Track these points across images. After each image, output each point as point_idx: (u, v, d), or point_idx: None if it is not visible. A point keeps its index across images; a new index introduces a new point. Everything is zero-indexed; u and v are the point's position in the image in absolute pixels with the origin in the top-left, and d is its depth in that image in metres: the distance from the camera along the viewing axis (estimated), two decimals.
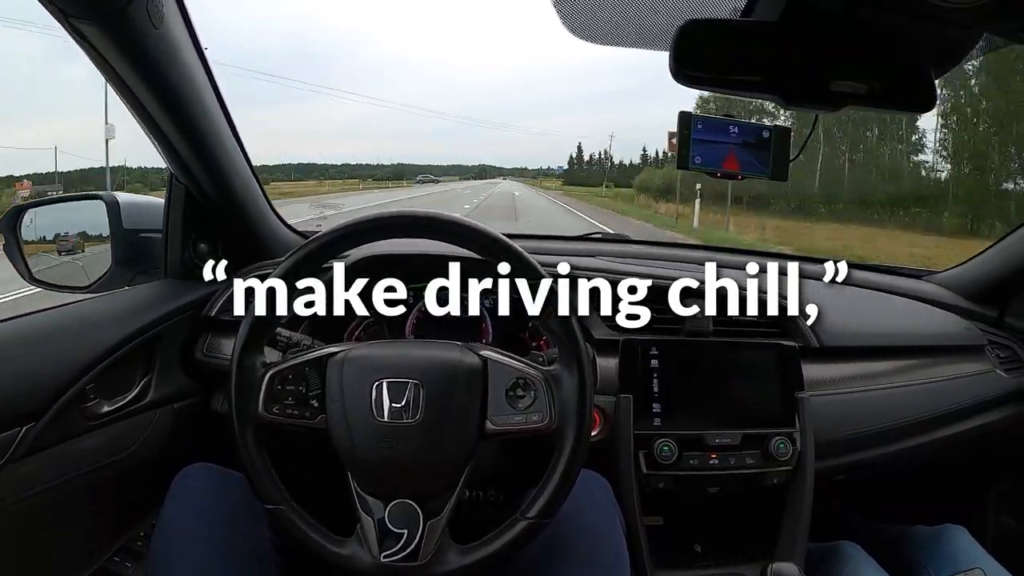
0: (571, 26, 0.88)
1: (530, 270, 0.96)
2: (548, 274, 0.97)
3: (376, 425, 0.92)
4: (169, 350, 1.32)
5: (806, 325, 1.40)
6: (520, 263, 0.97)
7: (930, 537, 1.34)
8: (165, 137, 1.21)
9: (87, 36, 0.99)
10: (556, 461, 0.95)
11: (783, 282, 1.35)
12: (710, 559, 1.40)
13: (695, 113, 0.92)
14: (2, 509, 1.05)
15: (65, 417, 1.11)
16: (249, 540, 1.05)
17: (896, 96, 0.84)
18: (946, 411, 1.46)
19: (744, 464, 1.29)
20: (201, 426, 1.37)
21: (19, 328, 1.15)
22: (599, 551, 1.07)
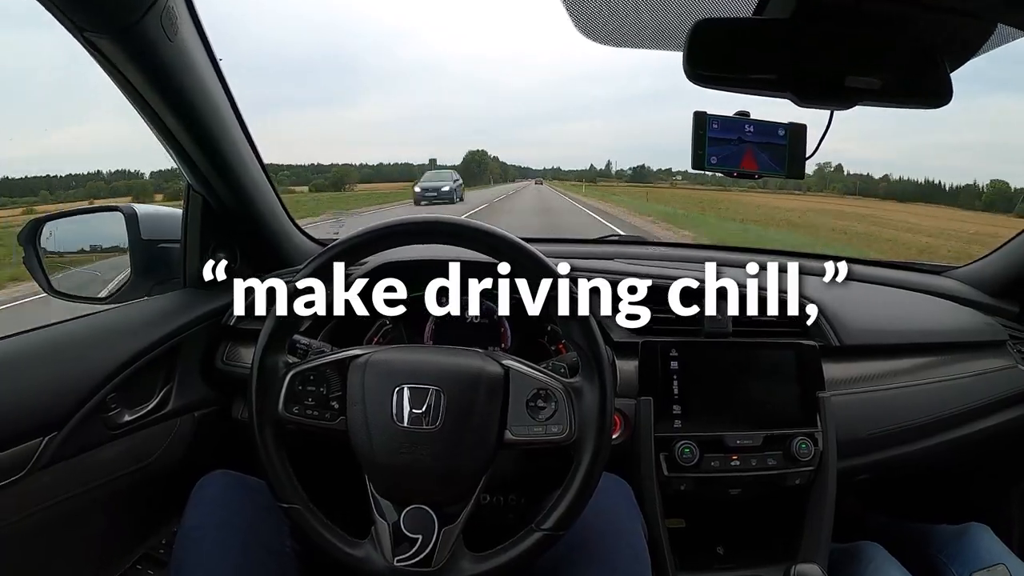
0: (583, 28, 0.88)
1: (547, 272, 0.96)
2: (567, 277, 0.96)
3: (396, 430, 0.92)
4: (189, 359, 1.33)
5: (826, 324, 1.39)
6: (537, 266, 0.96)
7: (953, 536, 1.33)
8: (181, 148, 1.21)
9: (102, 49, 1.00)
10: (574, 473, 0.95)
11: (802, 281, 1.34)
12: (732, 561, 1.39)
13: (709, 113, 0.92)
14: (26, 518, 1.06)
15: (87, 427, 1.12)
16: (269, 547, 1.05)
17: (911, 91, 0.83)
18: (968, 408, 1.44)
19: (766, 465, 1.28)
20: (221, 434, 1.38)
21: (40, 339, 1.16)
22: (620, 554, 1.06)
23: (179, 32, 1.05)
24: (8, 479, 1.02)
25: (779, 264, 1.33)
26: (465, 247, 0.99)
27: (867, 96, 0.82)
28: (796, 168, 0.91)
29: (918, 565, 1.28)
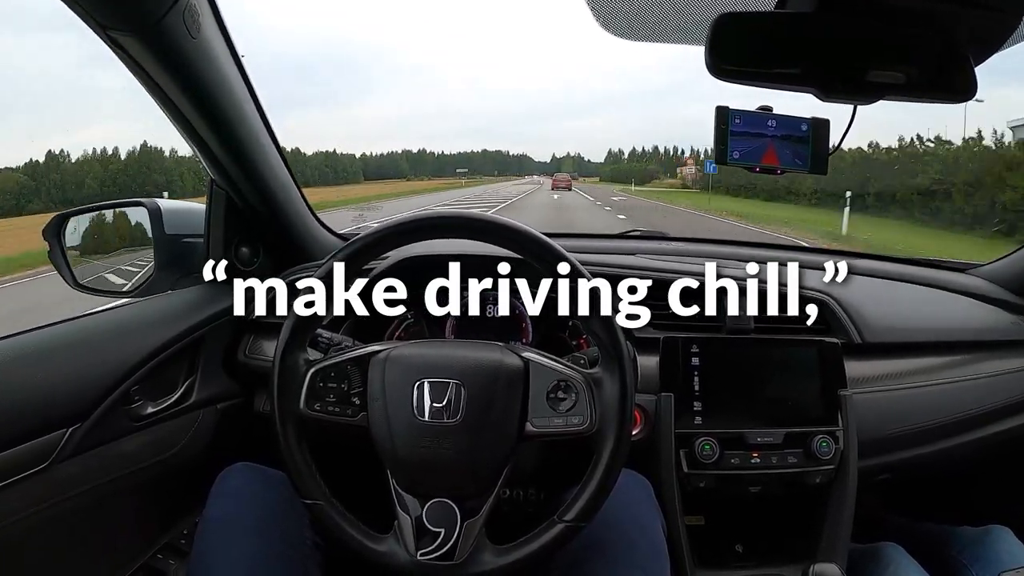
0: (605, 23, 0.88)
1: (572, 270, 0.96)
2: (589, 275, 0.96)
3: (417, 424, 0.92)
4: (212, 352, 1.34)
5: (848, 321, 1.38)
6: (560, 262, 0.96)
7: (974, 538, 1.31)
8: (204, 144, 1.22)
9: (125, 47, 1.00)
10: (595, 464, 0.95)
11: (823, 277, 1.34)
12: (751, 559, 1.39)
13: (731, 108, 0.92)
14: (49, 507, 1.08)
15: (110, 418, 1.14)
16: (290, 539, 1.06)
17: (935, 85, 0.83)
18: (991, 408, 1.42)
19: (786, 463, 1.27)
20: (244, 426, 1.40)
21: (65, 332, 1.18)
22: (639, 550, 1.06)
23: (202, 29, 1.05)
24: (32, 469, 1.03)
25: (801, 262, 1.32)
26: (486, 241, 0.99)
27: (891, 91, 0.81)
28: (819, 163, 0.90)
29: (938, 567, 1.27)
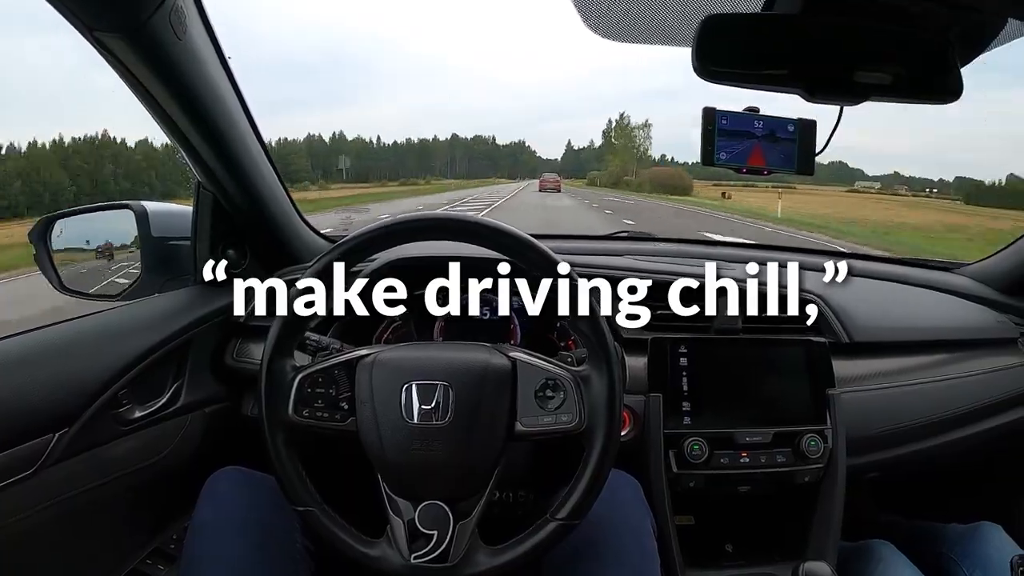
0: (592, 24, 0.88)
1: (554, 269, 0.96)
2: (576, 274, 0.96)
3: (406, 427, 0.92)
4: (200, 355, 1.33)
5: (836, 320, 1.38)
6: (545, 262, 0.97)
7: (964, 535, 1.32)
8: (191, 145, 1.22)
9: (111, 48, 1.00)
10: (586, 462, 0.95)
11: (813, 277, 1.34)
12: (741, 558, 1.39)
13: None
14: (37, 513, 1.07)
15: (98, 422, 1.13)
16: (280, 543, 1.06)
17: (921, 86, 0.83)
18: (979, 406, 1.44)
19: (775, 462, 1.28)
20: (232, 430, 1.39)
21: (51, 336, 1.17)
22: (630, 551, 1.07)
23: (188, 31, 1.05)
24: (20, 475, 1.02)
25: (799, 263, 1.32)
26: (473, 244, 0.99)
27: (877, 92, 0.82)
28: (806, 164, 0.91)
29: (928, 564, 1.27)
